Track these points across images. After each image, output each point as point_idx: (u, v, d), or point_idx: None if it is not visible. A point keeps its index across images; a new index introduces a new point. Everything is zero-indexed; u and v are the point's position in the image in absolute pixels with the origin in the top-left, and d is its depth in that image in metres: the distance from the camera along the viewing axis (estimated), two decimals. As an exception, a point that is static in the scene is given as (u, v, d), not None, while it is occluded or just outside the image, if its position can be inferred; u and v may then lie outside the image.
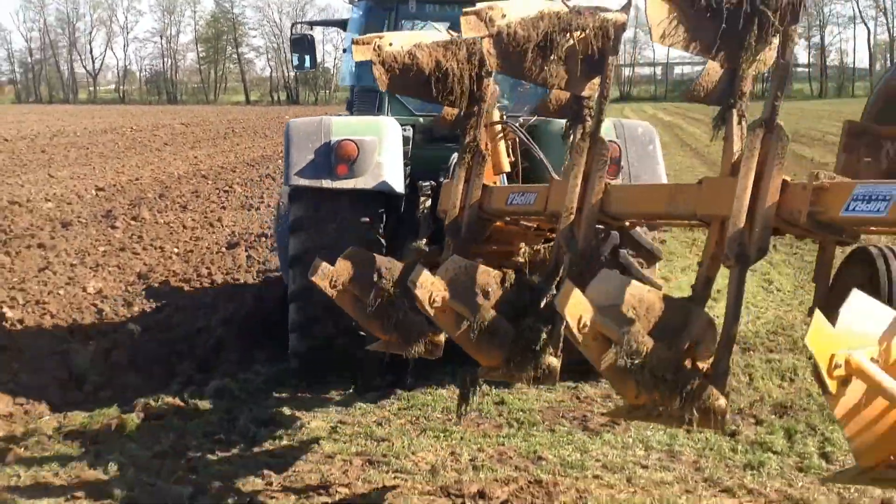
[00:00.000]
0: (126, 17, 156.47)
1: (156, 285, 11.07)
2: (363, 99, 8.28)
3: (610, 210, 4.47)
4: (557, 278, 4.56)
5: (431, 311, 4.36)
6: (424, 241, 6.07)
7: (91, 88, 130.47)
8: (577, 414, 6.84)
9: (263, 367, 7.88)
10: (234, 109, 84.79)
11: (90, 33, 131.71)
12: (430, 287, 4.28)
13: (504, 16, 4.54)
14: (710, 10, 3.52)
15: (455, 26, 5.28)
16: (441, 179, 6.87)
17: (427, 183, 7.04)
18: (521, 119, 7.30)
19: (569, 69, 4.46)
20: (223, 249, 13.45)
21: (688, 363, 3.53)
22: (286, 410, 6.95)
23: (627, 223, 4.98)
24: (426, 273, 4.31)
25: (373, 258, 5.44)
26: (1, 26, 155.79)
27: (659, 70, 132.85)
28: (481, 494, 5.36)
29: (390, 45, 5.16)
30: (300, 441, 6.36)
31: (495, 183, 6.05)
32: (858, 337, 2.66)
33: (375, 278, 5.30)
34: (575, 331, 3.40)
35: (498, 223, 5.75)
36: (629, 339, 3.40)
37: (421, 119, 7.88)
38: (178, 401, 7.06)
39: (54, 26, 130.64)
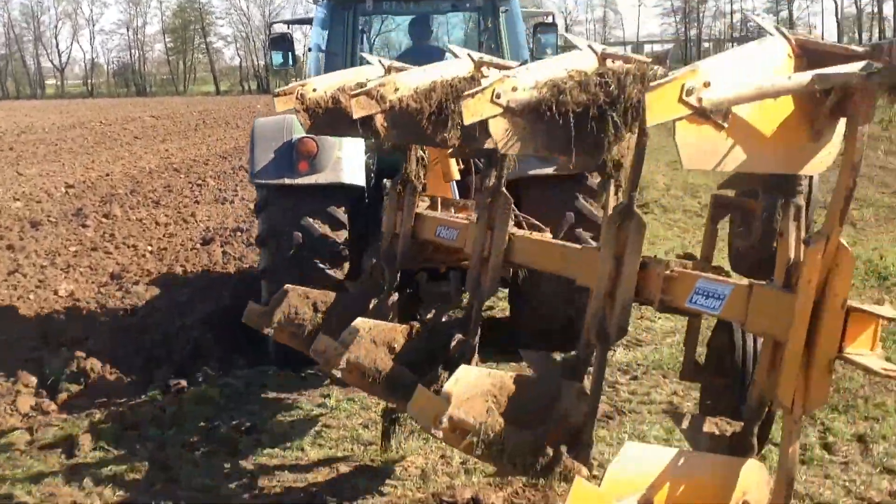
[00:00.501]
0: (91, 10, 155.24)
1: (130, 286, 10.76)
2: None
3: (513, 259, 4.76)
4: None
5: (338, 374, 4.66)
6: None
7: (58, 83, 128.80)
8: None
9: (243, 371, 7.64)
10: (204, 100, 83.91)
11: (55, 27, 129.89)
12: (333, 352, 4.61)
13: (397, 89, 4.68)
14: (558, 118, 3.58)
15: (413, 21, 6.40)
16: None
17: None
18: None
19: (465, 131, 4.43)
20: (198, 245, 13.15)
21: (549, 444, 3.65)
22: (268, 416, 6.71)
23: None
24: (326, 339, 4.70)
25: (307, 293, 5.65)
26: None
27: (629, 49, 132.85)
28: (475, 500, 5.15)
29: (314, 90, 5.23)
30: (284, 448, 6.12)
31: (447, 192, 6.30)
32: (627, 485, 2.98)
33: (310, 314, 5.58)
34: (432, 429, 3.61)
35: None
36: (486, 430, 3.60)
37: None
38: (155, 408, 6.80)
39: (19, 20, 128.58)
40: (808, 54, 3.09)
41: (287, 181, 7.19)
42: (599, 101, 3.56)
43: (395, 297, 5.68)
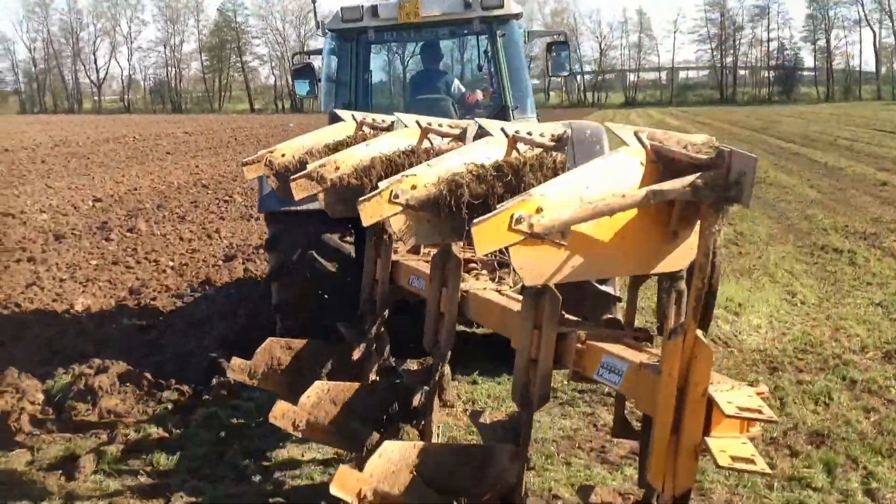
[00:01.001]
0: (129, 27, 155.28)
1: (148, 301, 10.54)
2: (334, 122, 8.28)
3: (467, 315, 5.04)
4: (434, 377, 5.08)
5: (299, 434, 5.10)
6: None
7: (96, 98, 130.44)
8: (595, 444, 6.29)
9: (256, 393, 7.33)
10: (238, 118, 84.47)
11: (94, 43, 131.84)
12: (291, 416, 4.98)
13: (338, 168, 5.06)
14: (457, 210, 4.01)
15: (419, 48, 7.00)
16: None
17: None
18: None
19: None
20: (220, 262, 12.92)
21: None
22: (279, 441, 6.41)
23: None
24: (283, 404, 5.00)
25: (289, 343, 5.95)
26: (4, 36, 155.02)
27: (664, 75, 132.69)
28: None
29: (282, 156, 5.64)
30: (294, 476, 5.82)
31: None
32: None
33: (291, 363, 5.89)
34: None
35: None
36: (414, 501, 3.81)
37: None
38: (162, 431, 6.53)
39: (58, 36, 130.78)
40: (662, 160, 3.33)
41: (291, 208, 6.95)
42: (498, 191, 3.97)
43: (375, 346, 5.90)
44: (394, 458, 3.91)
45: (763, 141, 40.35)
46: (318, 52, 9.99)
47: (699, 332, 3.09)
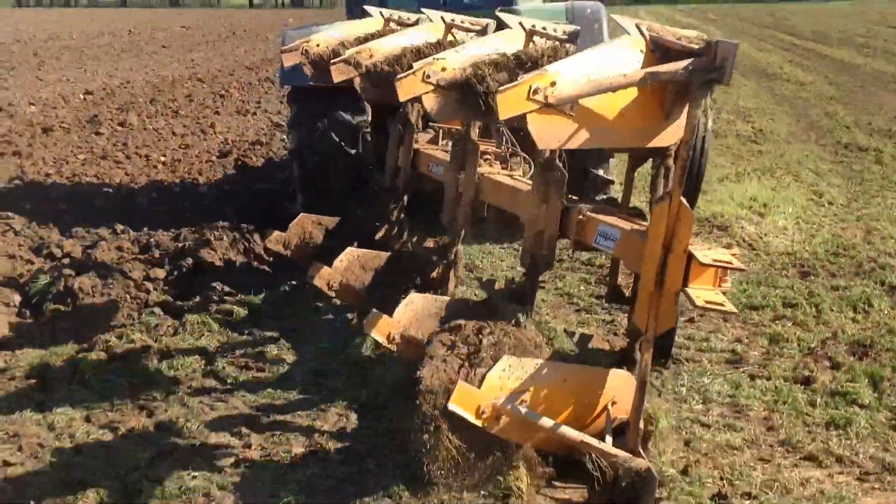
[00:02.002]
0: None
1: (137, 199, 9.95)
2: (352, 6, 8.56)
3: (481, 196, 5.50)
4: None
5: (333, 294, 5.51)
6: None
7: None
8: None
9: (249, 296, 6.82)
10: (236, 13, 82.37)
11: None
12: (327, 276, 5.42)
13: (371, 56, 5.46)
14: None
15: None
16: None
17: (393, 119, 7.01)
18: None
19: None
20: (213, 158, 12.27)
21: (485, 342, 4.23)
22: (273, 350, 5.91)
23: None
24: (320, 266, 5.46)
25: (319, 220, 6.34)
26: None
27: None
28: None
29: (317, 45, 5.99)
30: (287, 389, 5.32)
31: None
32: (503, 389, 3.89)
33: (321, 236, 6.28)
34: (386, 343, 4.49)
35: None
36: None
37: None
38: (146, 337, 6.01)
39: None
40: (660, 49, 3.81)
41: (311, 83, 6.74)
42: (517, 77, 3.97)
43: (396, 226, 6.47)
44: (418, 307, 4.46)
45: (773, 37, 39.15)
46: None
47: (683, 200, 3.63)
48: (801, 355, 5.64)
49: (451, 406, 3.76)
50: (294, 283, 7.02)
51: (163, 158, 12.23)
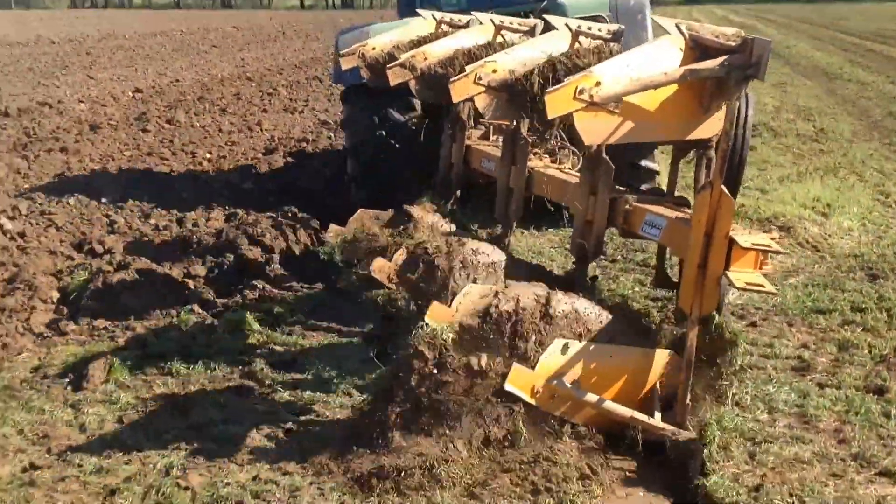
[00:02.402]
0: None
1: (182, 195, 9.81)
2: (404, 7, 9.27)
3: (532, 189, 5.82)
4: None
5: (392, 287, 5.46)
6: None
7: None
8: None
9: (290, 293, 6.61)
10: (287, 14, 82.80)
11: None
12: (387, 270, 5.38)
13: (426, 59, 5.79)
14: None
15: None
16: None
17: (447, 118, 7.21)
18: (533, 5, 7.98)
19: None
20: (259, 155, 12.11)
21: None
22: (314, 352, 5.67)
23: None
24: (381, 260, 5.39)
25: (377, 214, 6.26)
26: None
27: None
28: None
29: (373, 49, 6.38)
30: (327, 391, 5.08)
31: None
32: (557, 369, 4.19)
33: (376, 230, 6.07)
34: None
35: None
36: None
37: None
38: (184, 335, 5.82)
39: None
40: (699, 47, 4.12)
41: (364, 82, 6.89)
42: (564, 77, 4.21)
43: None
44: (475, 297, 4.39)
45: (833, 37, 38.31)
46: None
47: (723, 188, 3.93)
48: (873, 363, 5.27)
49: (507, 387, 4.10)
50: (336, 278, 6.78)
51: (208, 155, 12.10)
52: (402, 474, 3.96)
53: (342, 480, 4.03)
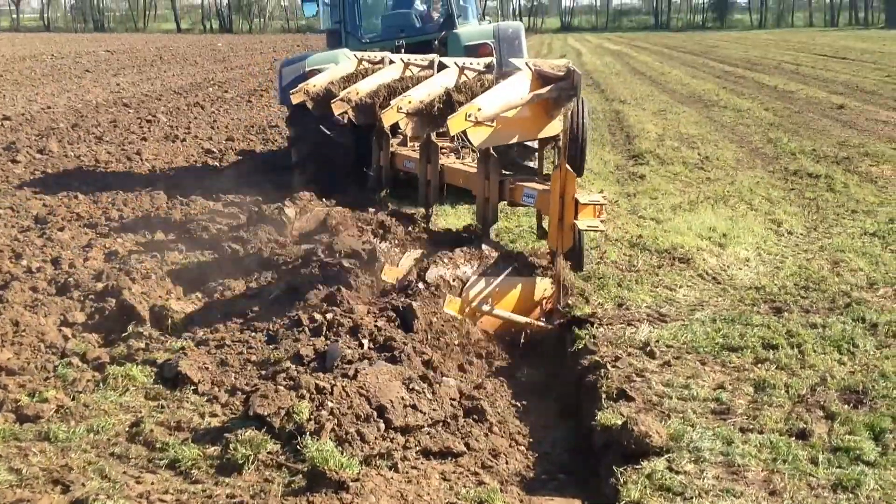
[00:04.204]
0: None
1: (56, 231, 9.18)
2: (331, 37, 12.38)
3: (444, 180, 8.53)
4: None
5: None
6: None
7: (14, 16, 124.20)
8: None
9: (180, 340, 6.14)
10: (164, 37, 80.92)
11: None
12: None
13: (357, 93, 8.43)
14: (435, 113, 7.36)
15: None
16: None
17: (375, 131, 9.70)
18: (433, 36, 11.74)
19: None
20: (139, 186, 11.52)
21: None
22: (208, 406, 5.22)
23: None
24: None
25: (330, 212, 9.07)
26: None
27: (599, 0, 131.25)
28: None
29: (314, 86, 9.05)
30: (224, 455, 4.65)
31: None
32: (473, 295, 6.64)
33: None
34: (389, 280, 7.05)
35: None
36: None
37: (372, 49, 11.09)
38: (62, 395, 5.30)
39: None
40: (541, 77, 6.77)
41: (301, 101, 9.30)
42: (459, 99, 7.05)
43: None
44: (416, 255, 7.51)
45: (705, 64, 39.59)
46: None
47: (567, 166, 6.37)
48: (792, 403, 5.16)
49: (445, 309, 6.36)
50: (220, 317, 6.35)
51: (84, 188, 11.44)
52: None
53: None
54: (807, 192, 11.51)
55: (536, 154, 9.68)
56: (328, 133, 10.46)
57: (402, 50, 11.04)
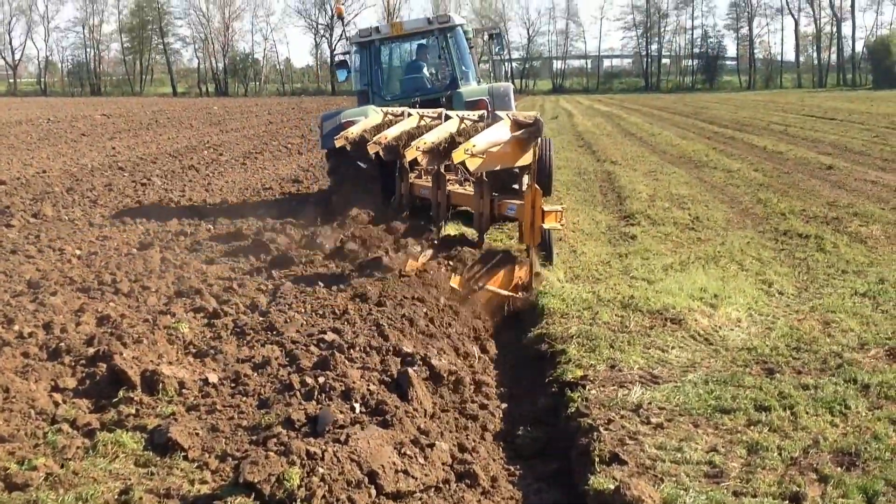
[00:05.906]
0: (47, 6, 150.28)
1: (48, 296, 9.17)
2: (361, 95, 16.01)
3: (451, 202, 11.56)
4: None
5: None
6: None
7: (11, 81, 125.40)
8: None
9: (171, 406, 6.11)
10: (160, 101, 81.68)
11: (9, 23, 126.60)
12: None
13: (386, 137, 11.51)
14: (441, 151, 11.15)
15: (400, 49, 17.42)
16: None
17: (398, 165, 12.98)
18: (440, 94, 15.64)
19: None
20: (133, 250, 11.56)
21: None
22: (198, 474, 5.19)
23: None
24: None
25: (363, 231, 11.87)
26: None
27: (590, 63, 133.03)
28: None
29: (352, 133, 12.26)
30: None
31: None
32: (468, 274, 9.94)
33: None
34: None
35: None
36: None
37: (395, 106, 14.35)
38: (51, 462, 5.25)
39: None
40: (517, 123, 10.45)
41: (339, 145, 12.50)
42: (460, 141, 10.39)
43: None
44: (426, 258, 10.30)
45: (695, 125, 40.02)
46: (347, 52, 17.03)
47: (536, 186, 9.24)
48: (785, 466, 5.16)
49: (451, 284, 9.29)
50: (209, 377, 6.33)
51: (78, 252, 11.48)
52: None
53: None
54: (797, 253, 11.58)
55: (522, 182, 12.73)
56: (362, 166, 13.53)
57: (417, 105, 14.28)
